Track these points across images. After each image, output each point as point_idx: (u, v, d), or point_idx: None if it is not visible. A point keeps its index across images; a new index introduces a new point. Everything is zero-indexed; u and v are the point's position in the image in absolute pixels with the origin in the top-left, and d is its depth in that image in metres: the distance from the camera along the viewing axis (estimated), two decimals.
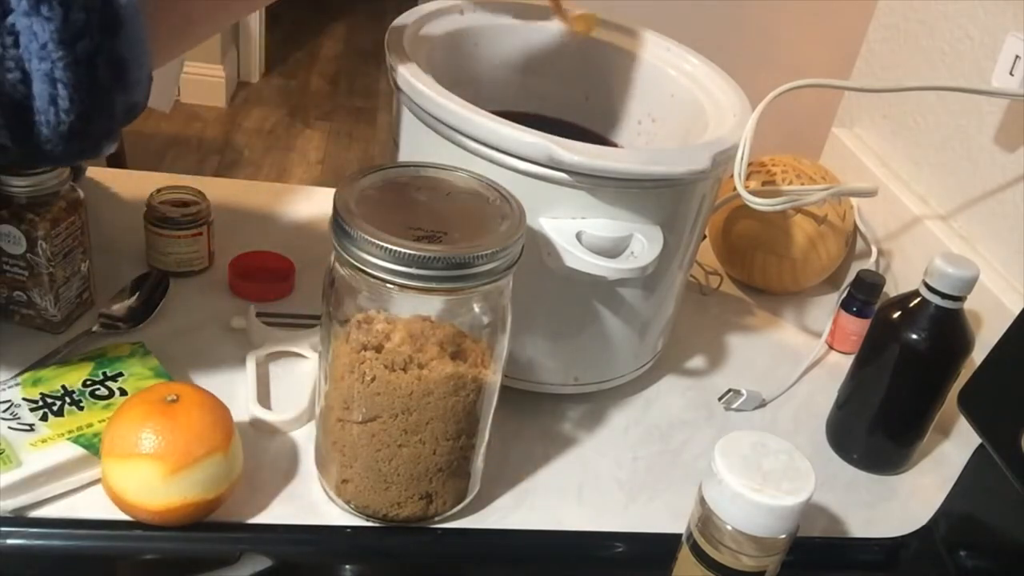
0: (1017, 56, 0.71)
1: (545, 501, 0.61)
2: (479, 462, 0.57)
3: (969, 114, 0.78)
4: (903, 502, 0.67)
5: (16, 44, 0.40)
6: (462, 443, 0.54)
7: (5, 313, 0.65)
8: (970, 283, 0.62)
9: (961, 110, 0.79)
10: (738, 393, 0.73)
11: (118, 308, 0.67)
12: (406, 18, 0.67)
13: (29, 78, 0.41)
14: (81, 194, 0.64)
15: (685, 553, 0.51)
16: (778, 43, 0.95)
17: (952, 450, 0.71)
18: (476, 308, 0.51)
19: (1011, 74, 0.72)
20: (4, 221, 0.60)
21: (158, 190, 0.73)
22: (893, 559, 0.63)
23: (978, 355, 0.63)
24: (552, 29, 0.74)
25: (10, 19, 0.40)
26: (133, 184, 0.82)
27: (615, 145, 0.75)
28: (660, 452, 0.67)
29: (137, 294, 0.69)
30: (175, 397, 0.52)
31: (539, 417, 0.67)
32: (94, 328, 0.65)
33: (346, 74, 3.21)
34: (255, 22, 2.91)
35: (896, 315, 0.65)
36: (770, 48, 0.95)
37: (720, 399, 0.73)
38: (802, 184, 0.80)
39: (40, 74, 0.41)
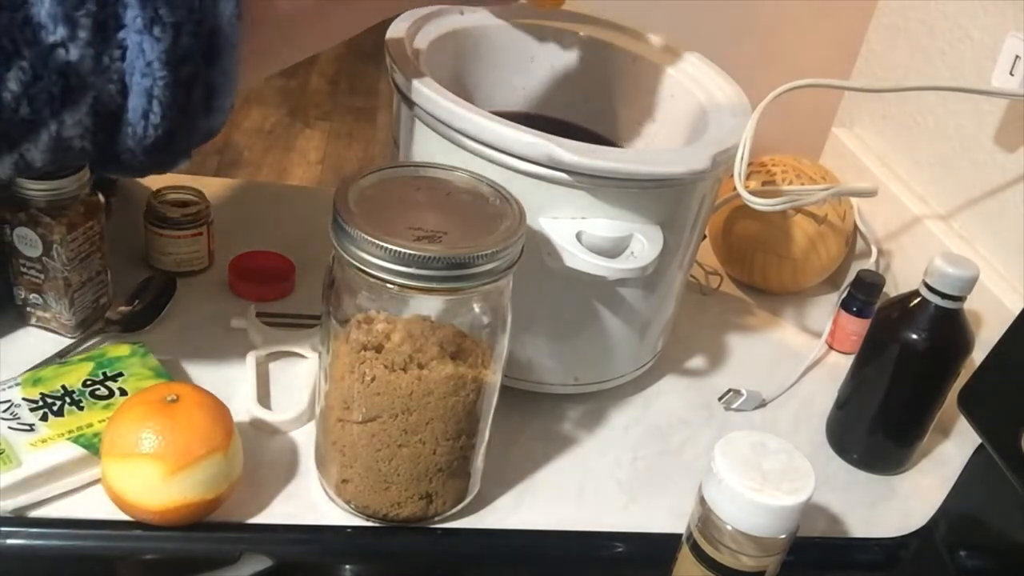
0: (1017, 56, 0.71)
1: (545, 501, 0.61)
2: (479, 462, 0.57)
3: (969, 114, 0.78)
4: (903, 502, 0.67)
5: (123, 58, 0.41)
6: (462, 443, 0.54)
7: (22, 315, 0.65)
8: (970, 283, 0.62)
9: (961, 110, 0.79)
10: (738, 393, 0.73)
11: (122, 312, 0.67)
12: (406, 18, 0.67)
13: (127, 91, 0.42)
14: (101, 199, 0.63)
15: (685, 553, 0.51)
16: (778, 43, 0.95)
17: (952, 450, 0.71)
18: (476, 308, 0.51)
19: (1011, 74, 0.72)
20: (21, 223, 0.60)
21: (158, 190, 0.73)
22: (893, 559, 0.63)
23: (978, 355, 0.63)
24: (553, 29, 0.74)
25: (121, 34, 0.41)
26: (133, 184, 0.82)
27: (615, 145, 0.75)
28: (660, 452, 0.67)
29: (141, 298, 0.69)
30: (175, 397, 0.52)
31: (539, 417, 0.67)
32: (97, 330, 0.65)
33: (346, 74, 3.20)
34: None
35: (896, 315, 0.65)
36: (770, 48, 0.95)
37: (720, 399, 0.73)
38: (802, 184, 0.80)
39: (140, 89, 0.42)
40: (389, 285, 0.47)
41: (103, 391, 0.58)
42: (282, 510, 0.56)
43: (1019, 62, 0.71)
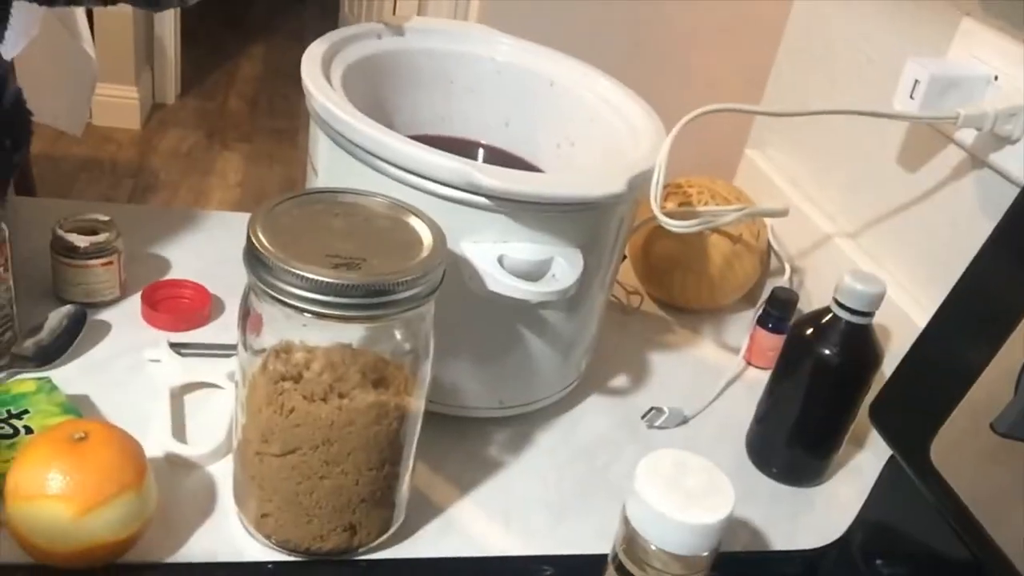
0: (916, 80, 0.74)
1: (472, 527, 0.60)
2: (404, 490, 0.57)
3: (874, 136, 0.81)
4: (822, 513, 0.68)
5: None
6: (386, 472, 0.53)
7: None
8: (878, 299, 0.64)
9: (866, 132, 0.82)
10: (660, 411, 0.73)
11: (29, 346, 0.64)
12: (324, 41, 0.67)
13: None
14: (6, 230, 0.61)
15: (611, 574, 0.51)
16: (692, 68, 0.98)
17: (868, 460, 0.73)
18: (398, 335, 0.51)
19: (911, 97, 0.75)
20: None
21: (64, 218, 0.71)
22: (813, 570, 0.64)
23: (887, 368, 0.65)
24: (471, 53, 0.75)
25: None
26: (40, 211, 0.79)
27: (536, 169, 0.75)
28: (586, 472, 0.67)
29: (48, 332, 0.66)
30: (83, 435, 0.50)
31: (465, 441, 0.67)
32: (2, 366, 0.62)
33: (266, 95, 3.16)
34: (170, 42, 2.85)
35: (809, 331, 0.67)
36: (685, 73, 0.98)
37: (643, 417, 0.73)
38: (717, 204, 0.81)
39: None
40: (306, 314, 0.46)
41: (7, 430, 0.55)
42: (200, 548, 0.54)
43: (918, 86, 0.74)
